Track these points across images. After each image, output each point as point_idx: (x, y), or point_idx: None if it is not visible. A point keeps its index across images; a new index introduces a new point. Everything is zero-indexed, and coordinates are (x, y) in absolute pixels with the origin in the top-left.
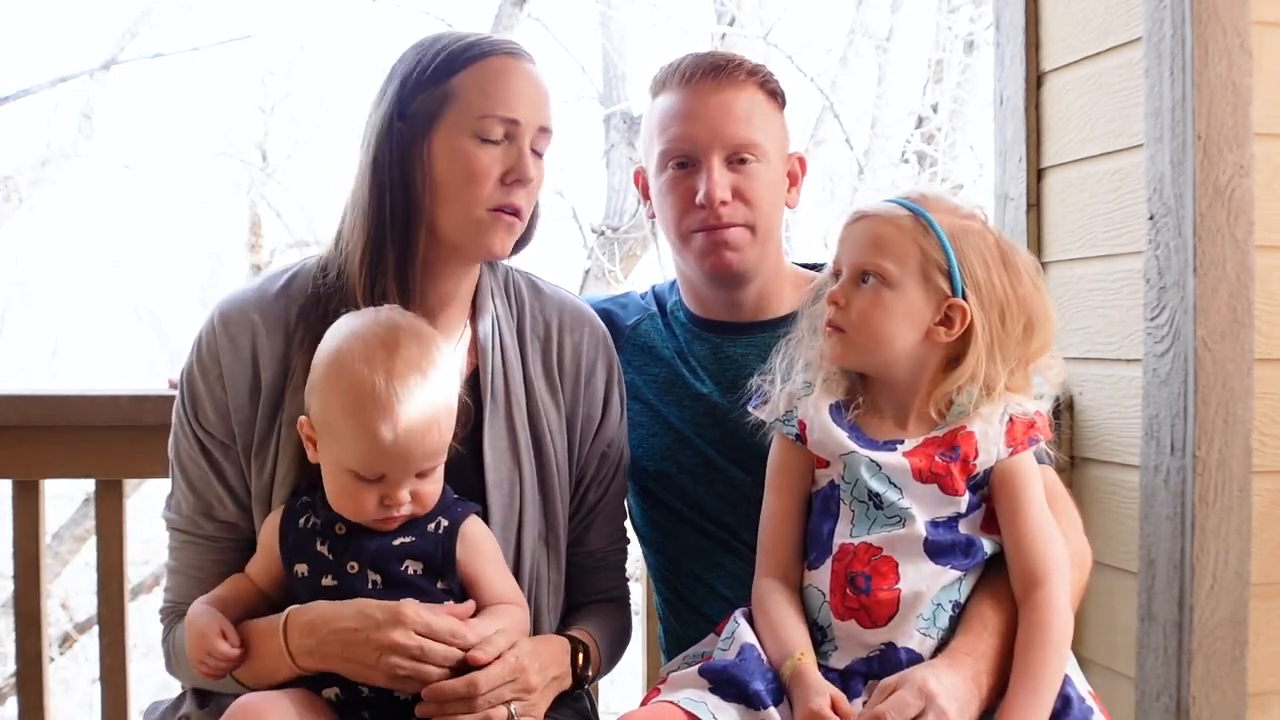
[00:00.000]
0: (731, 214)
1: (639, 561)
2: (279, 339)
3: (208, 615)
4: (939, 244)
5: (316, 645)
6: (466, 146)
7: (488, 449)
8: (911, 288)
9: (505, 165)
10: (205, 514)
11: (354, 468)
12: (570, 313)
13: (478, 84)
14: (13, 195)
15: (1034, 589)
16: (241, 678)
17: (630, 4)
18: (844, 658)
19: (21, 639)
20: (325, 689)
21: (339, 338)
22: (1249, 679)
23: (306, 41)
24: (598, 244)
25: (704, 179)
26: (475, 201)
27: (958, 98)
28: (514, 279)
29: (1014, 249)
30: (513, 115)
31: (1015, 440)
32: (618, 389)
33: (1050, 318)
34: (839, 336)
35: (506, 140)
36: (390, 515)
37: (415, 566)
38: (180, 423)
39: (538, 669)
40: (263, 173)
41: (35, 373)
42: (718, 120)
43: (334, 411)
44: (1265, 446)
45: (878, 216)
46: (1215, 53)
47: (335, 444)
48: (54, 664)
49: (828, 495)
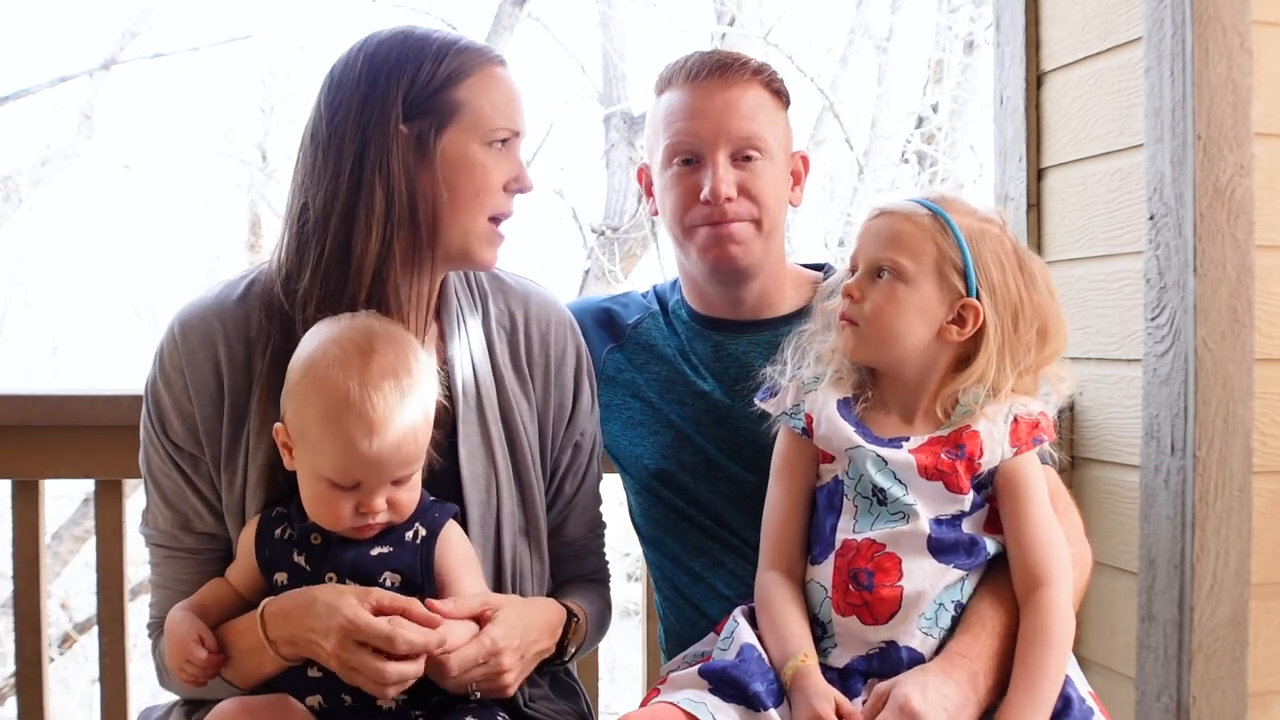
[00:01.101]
0: (737, 210)
1: (639, 561)
2: (241, 347)
3: (186, 622)
4: (956, 243)
5: (294, 633)
6: (478, 156)
7: (462, 446)
8: (926, 284)
9: (509, 174)
10: (183, 527)
11: (329, 475)
12: (536, 303)
13: (485, 94)
14: (13, 195)
15: (1036, 589)
16: (230, 678)
17: (630, 4)
18: (844, 655)
19: (21, 639)
20: (309, 696)
21: (314, 343)
22: (1249, 679)
23: (306, 41)
24: (598, 244)
25: (709, 175)
26: (481, 210)
27: (958, 98)
28: (476, 278)
29: (1031, 255)
30: (515, 126)
31: (1020, 440)
32: (587, 377)
33: (1064, 326)
34: (852, 329)
35: (506, 149)
36: (366, 524)
37: (393, 579)
38: (149, 437)
39: (516, 647)
40: (263, 173)
41: (35, 373)
42: (723, 117)
43: (309, 419)
44: (1265, 446)
45: (897, 213)
46: (1215, 53)
47: (310, 451)
48: (54, 664)
49: (832, 490)
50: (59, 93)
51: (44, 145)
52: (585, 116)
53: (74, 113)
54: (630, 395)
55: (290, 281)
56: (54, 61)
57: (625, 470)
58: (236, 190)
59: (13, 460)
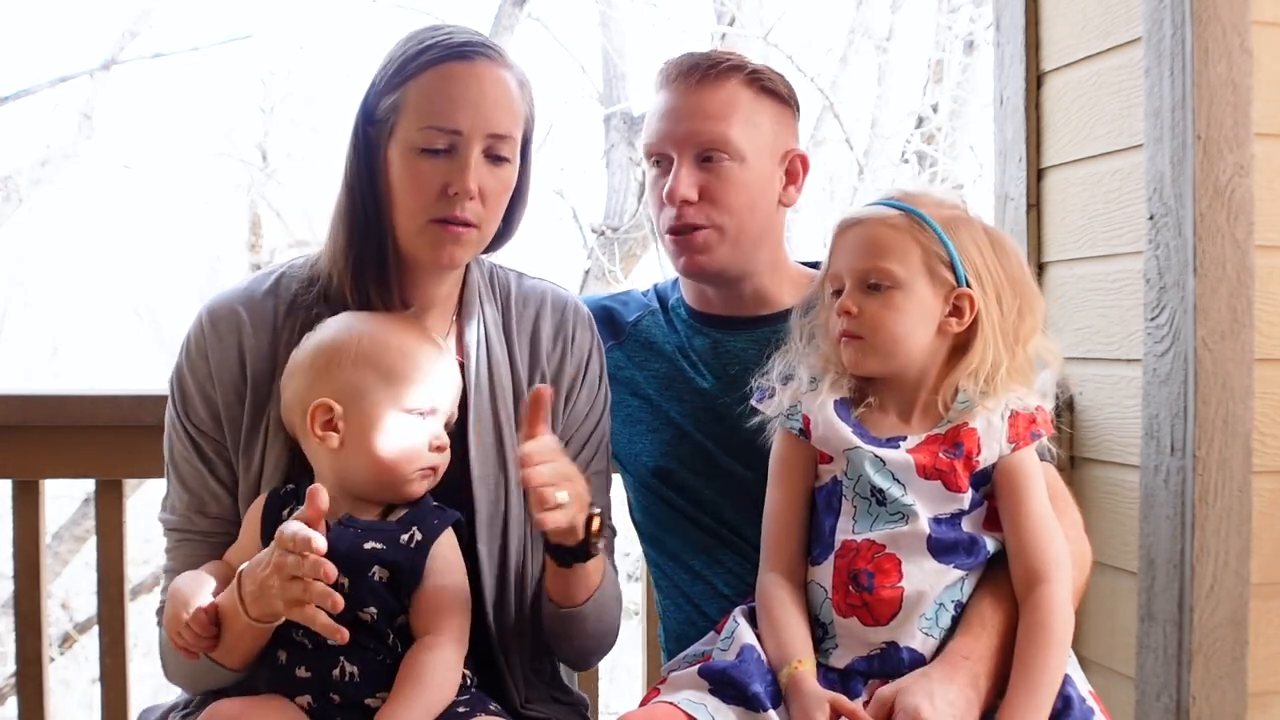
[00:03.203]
0: (695, 214)
1: (639, 561)
2: (266, 337)
3: (187, 583)
4: (936, 237)
5: (257, 589)
6: (409, 159)
7: (472, 445)
8: (920, 285)
9: (446, 178)
10: (199, 510)
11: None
12: (556, 304)
13: (423, 93)
14: (13, 195)
15: (1035, 586)
16: (218, 658)
17: (630, 4)
18: (845, 656)
19: (21, 639)
20: (298, 696)
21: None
22: (1249, 679)
23: (306, 41)
24: (598, 244)
25: (671, 177)
26: (417, 212)
27: (958, 98)
28: (499, 276)
29: (998, 231)
30: (453, 126)
31: (1018, 435)
32: (603, 376)
33: (1039, 297)
34: (856, 344)
35: (450, 150)
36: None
37: (382, 574)
38: (172, 422)
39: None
40: (263, 173)
41: (35, 373)
42: (688, 118)
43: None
44: (1265, 446)
45: (870, 220)
46: (1215, 53)
47: (372, 384)
48: (54, 664)
49: (830, 491)
50: (59, 93)
51: (44, 145)
52: (585, 116)
53: (74, 113)
54: (629, 393)
55: (314, 279)
56: (54, 61)
57: (625, 468)
58: (236, 190)
59: (13, 460)
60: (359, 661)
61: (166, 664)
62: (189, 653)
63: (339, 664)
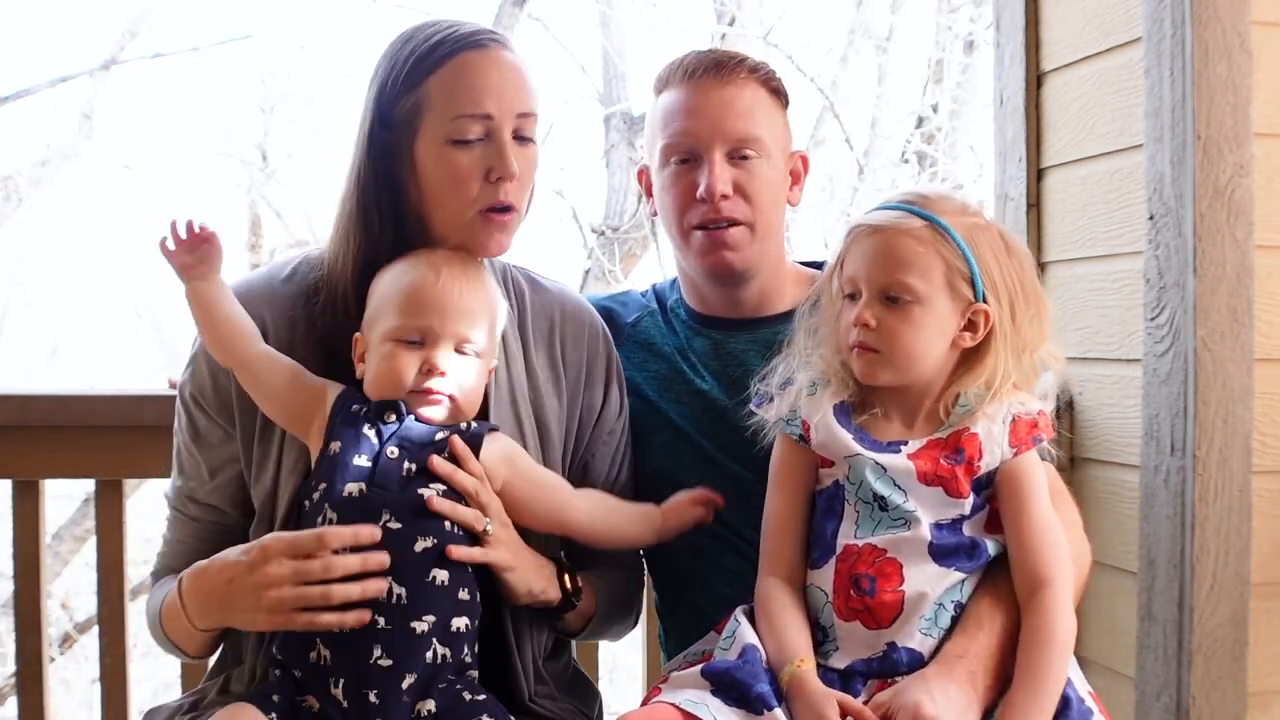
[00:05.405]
0: (731, 209)
1: (639, 561)
2: (284, 326)
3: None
4: (959, 251)
5: (204, 601)
6: (445, 153)
7: None
8: (940, 301)
9: (487, 164)
10: (189, 497)
11: (396, 325)
12: (571, 306)
13: (447, 86)
14: (13, 195)
15: (1038, 590)
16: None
17: (630, 4)
18: (845, 657)
19: (21, 639)
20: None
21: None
22: (1249, 679)
23: (306, 41)
24: (598, 244)
25: (705, 173)
26: (464, 205)
27: (958, 98)
28: (512, 276)
29: (1012, 236)
30: (484, 110)
31: (1019, 440)
32: (617, 380)
33: (1048, 303)
34: (871, 357)
35: (485, 137)
36: (429, 388)
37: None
38: (181, 404)
39: (512, 540)
40: (263, 173)
41: (35, 373)
42: (719, 115)
43: (382, 288)
44: (1265, 446)
45: (892, 229)
46: (1215, 53)
47: (380, 318)
48: (54, 664)
49: (832, 495)
50: (59, 93)
51: (44, 145)
52: (585, 116)
53: (74, 113)
54: (629, 394)
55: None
56: (54, 61)
57: None
58: (236, 190)
59: (13, 460)
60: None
61: (156, 635)
62: (181, 265)
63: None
